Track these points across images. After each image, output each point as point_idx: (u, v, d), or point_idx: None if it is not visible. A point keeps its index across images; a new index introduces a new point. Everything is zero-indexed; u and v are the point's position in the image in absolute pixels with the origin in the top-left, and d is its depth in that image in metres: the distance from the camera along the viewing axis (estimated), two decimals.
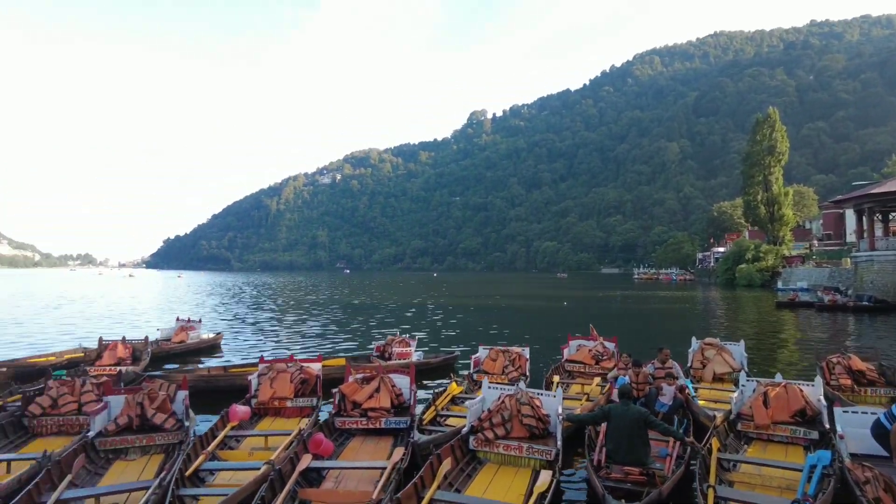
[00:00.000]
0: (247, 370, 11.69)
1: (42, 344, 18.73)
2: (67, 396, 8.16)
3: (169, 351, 16.07)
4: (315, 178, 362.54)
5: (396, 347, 13.70)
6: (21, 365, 12.80)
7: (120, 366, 12.42)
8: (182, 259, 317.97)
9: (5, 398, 9.41)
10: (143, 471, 6.75)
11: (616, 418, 6.62)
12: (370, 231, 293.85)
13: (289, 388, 9.13)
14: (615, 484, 6.14)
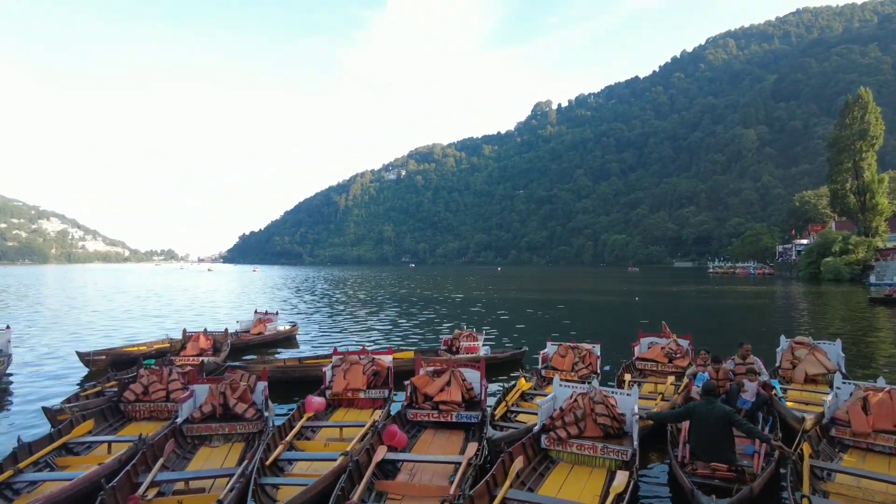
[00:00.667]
0: (320, 362, 12.03)
1: (135, 334, 20.05)
2: (157, 384, 8.64)
3: (248, 342, 16.75)
4: (381, 174, 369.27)
5: (464, 342, 13.71)
6: (117, 353, 13.73)
7: (202, 356, 13.03)
8: (257, 254, 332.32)
9: (103, 384, 10.15)
10: (226, 458, 7.03)
11: (700, 416, 6.41)
12: (434, 225, 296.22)
13: (361, 379, 9.31)
14: (702, 480, 5.96)
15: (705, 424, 6.32)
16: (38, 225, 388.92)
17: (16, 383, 11.99)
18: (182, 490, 5.93)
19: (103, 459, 6.50)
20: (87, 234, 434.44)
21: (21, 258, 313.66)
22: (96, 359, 13.15)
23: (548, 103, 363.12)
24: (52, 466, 6.60)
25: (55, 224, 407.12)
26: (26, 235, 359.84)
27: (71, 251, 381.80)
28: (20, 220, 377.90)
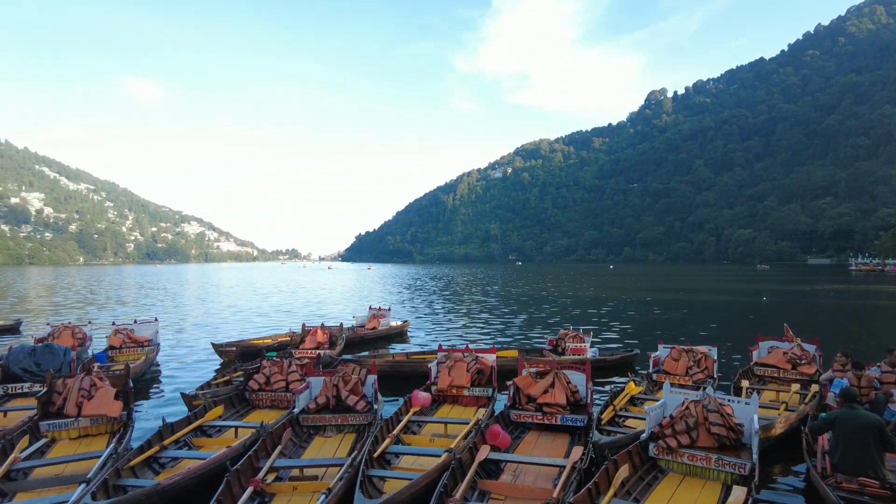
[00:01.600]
0: (426, 358, 12.36)
1: (262, 327, 21.75)
2: (277, 375, 9.28)
3: (363, 336, 17.56)
4: (487, 172, 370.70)
5: (570, 343, 13.43)
6: (245, 346, 14.97)
7: (319, 349, 13.79)
8: (371, 252, 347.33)
9: (231, 374, 11.16)
10: (338, 448, 7.39)
11: (844, 424, 5.83)
12: (541, 223, 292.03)
13: (465, 377, 9.44)
14: (849, 495, 5.44)
15: (850, 434, 5.74)
16: (181, 228, 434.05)
17: (162, 370, 13.48)
18: (297, 476, 6.32)
19: (231, 443, 7.13)
20: (221, 235, 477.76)
21: (168, 258, 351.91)
22: (228, 350, 14.43)
23: (662, 91, 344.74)
24: (190, 445, 7.35)
25: (195, 227, 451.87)
26: (172, 238, 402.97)
27: (208, 251, 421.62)
28: (167, 224, 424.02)
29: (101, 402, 7.61)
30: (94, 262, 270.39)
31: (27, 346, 10.42)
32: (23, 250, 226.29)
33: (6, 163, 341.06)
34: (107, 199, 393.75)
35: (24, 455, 6.63)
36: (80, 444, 7.27)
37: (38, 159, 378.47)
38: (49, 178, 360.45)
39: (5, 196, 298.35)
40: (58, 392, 7.64)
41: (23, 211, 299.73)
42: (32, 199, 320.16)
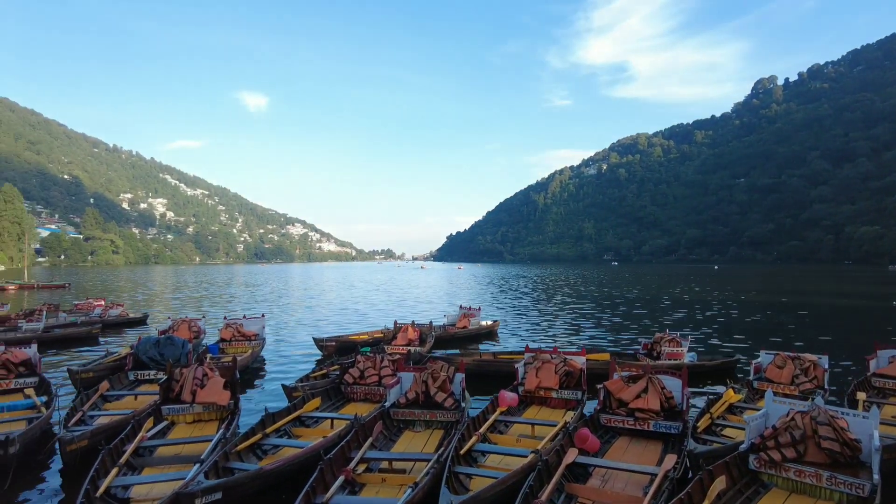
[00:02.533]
0: (513, 357, 12.35)
1: (359, 323, 22.67)
2: (371, 370, 9.64)
3: (454, 335, 17.83)
4: (580, 170, 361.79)
5: (666, 346, 12.89)
6: (343, 341, 15.73)
7: (409, 346, 14.20)
8: (462, 252, 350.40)
9: (328, 367, 11.78)
10: (426, 443, 7.56)
11: None
12: (639, 221, 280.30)
13: (553, 378, 9.33)
14: None
15: None
16: (286, 230, 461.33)
17: (267, 363, 14.45)
18: (386, 469, 6.55)
19: (326, 433, 7.53)
20: (322, 236, 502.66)
21: (274, 257, 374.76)
22: (327, 345, 15.20)
23: (771, 79, 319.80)
24: (289, 434, 7.83)
25: (298, 229, 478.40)
26: (278, 239, 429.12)
27: (310, 251, 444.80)
28: (273, 226, 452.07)
29: (211, 390, 8.29)
30: (208, 262, 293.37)
31: (152, 338, 11.55)
32: (149, 250, 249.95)
33: (137, 172, 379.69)
34: (219, 204, 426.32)
35: (150, 434, 7.36)
36: (195, 428, 7.98)
37: (161, 168, 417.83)
38: (171, 185, 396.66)
39: (136, 202, 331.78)
40: (176, 380, 8.38)
41: (150, 215, 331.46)
42: (157, 204, 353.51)
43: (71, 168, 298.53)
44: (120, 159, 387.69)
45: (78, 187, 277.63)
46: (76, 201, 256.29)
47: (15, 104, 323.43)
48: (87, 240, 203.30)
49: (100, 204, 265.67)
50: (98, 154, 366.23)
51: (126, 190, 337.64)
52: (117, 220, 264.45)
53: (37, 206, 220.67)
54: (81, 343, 17.31)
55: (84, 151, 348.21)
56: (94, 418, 8.35)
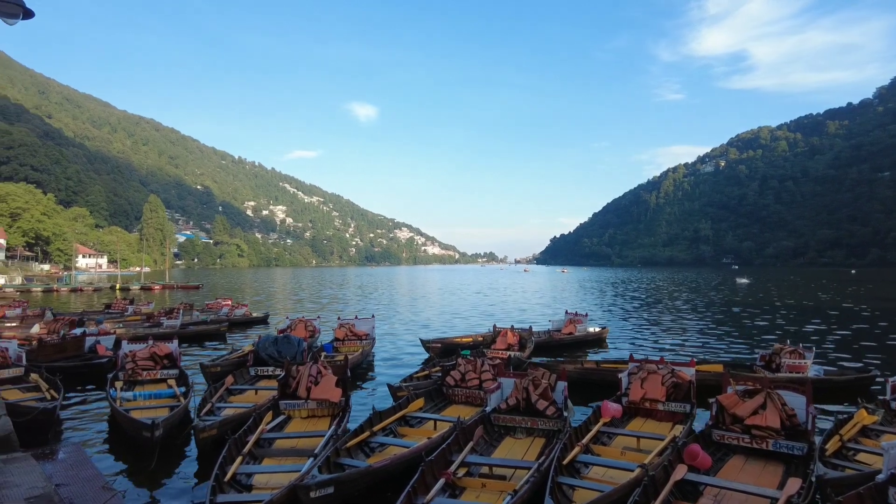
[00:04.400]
0: (617, 367, 11.99)
1: (462, 325, 23.08)
2: (472, 373, 9.78)
3: (560, 341, 17.62)
4: (696, 167, 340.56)
5: (787, 359, 11.90)
6: (448, 343, 16.13)
7: (509, 351, 14.21)
8: (566, 255, 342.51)
9: (430, 369, 12.14)
10: (527, 451, 7.51)
11: None
12: (761, 221, 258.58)
13: (660, 390, 8.96)
14: None
15: None
16: (393, 234, 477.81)
17: (376, 362, 15.13)
18: (486, 474, 6.60)
19: (429, 434, 7.76)
20: (427, 240, 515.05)
21: (383, 260, 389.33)
22: (433, 346, 15.66)
23: None
24: (395, 433, 8.15)
25: (405, 233, 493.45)
26: (386, 243, 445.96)
27: (416, 254, 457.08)
28: (382, 230, 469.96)
29: (325, 387, 8.83)
30: (323, 264, 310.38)
31: (271, 336, 12.52)
32: (270, 254, 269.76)
33: (259, 181, 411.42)
34: (333, 210, 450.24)
35: (269, 427, 7.97)
36: (309, 423, 8.53)
37: (281, 177, 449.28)
38: (290, 193, 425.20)
39: (259, 209, 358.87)
40: (292, 377, 9.02)
41: (271, 221, 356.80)
42: (278, 211, 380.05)
43: (203, 179, 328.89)
44: (245, 170, 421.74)
45: (209, 197, 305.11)
46: (207, 209, 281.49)
47: (159, 124, 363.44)
48: (216, 244, 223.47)
49: (227, 211, 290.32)
50: (226, 166, 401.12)
51: (250, 198, 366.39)
52: (242, 226, 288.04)
53: (175, 214, 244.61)
54: (211, 339, 19.10)
55: (214, 164, 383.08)
56: (222, 409, 9.20)
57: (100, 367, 12.62)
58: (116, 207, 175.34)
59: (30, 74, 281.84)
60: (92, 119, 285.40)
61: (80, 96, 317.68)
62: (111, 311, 25.66)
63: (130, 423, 7.84)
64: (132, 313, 24.42)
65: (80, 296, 47.23)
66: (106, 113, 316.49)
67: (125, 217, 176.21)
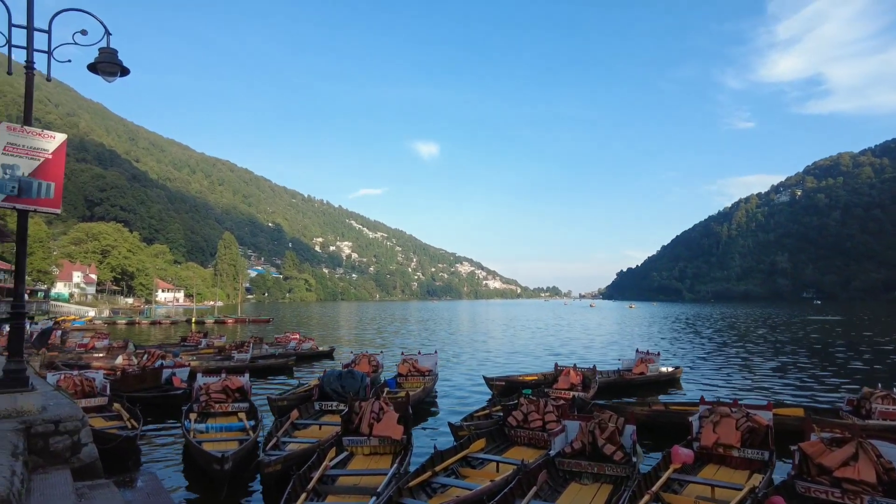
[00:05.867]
0: (687, 409, 11.41)
1: (524, 363, 22.70)
2: (534, 414, 9.53)
3: (630, 381, 16.94)
4: (770, 197, 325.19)
5: (879, 404, 10.90)
6: (512, 381, 15.80)
7: (572, 391, 13.74)
8: (634, 290, 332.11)
9: (491, 408, 11.92)
10: (593, 498, 7.21)
11: None
12: (845, 253, 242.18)
13: (734, 435, 8.44)
14: None
15: None
16: (455, 268, 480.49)
17: (439, 398, 15.08)
18: None
19: (492, 476, 7.61)
20: (488, 274, 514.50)
21: (445, 294, 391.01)
22: (497, 384, 15.43)
23: None
24: (457, 474, 8.02)
25: (466, 267, 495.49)
26: (448, 277, 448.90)
27: (477, 288, 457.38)
28: (443, 264, 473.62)
29: (387, 424, 8.87)
30: (387, 298, 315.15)
31: (335, 371, 12.76)
32: (337, 288, 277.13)
33: (327, 218, 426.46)
34: (397, 245, 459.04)
35: (333, 464, 8.07)
36: (371, 461, 8.55)
37: (347, 214, 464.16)
38: (355, 230, 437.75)
39: (326, 245, 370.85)
40: (355, 412, 9.12)
41: (337, 256, 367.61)
42: (344, 246, 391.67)
43: (274, 217, 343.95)
44: (313, 208, 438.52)
45: (279, 233, 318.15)
46: (278, 245, 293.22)
47: (234, 165, 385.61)
48: (286, 279, 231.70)
49: (297, 247, 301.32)
50: (295, 204, 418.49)
51: (318, 234, 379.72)
52: (311, 261, 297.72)
53: (248, 250, 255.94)
54: (279, 373, 19.66)
55: (285, 202, 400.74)
56: (287, 444, 9.40)
57: (175, 399, 13.23)
58: (193, 244, 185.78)
59: (122, 123, 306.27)
60: (174, 162, 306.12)
61: (164, 141, 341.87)
62: (186, 344, 26.92)
63: (202, 455, 8.14)
64: (205, 346, 25.53)
65: (158, 328, 49.90)
66: (186, 156, 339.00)
67: (201, 253, 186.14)
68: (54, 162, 7.12)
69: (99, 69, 7.47)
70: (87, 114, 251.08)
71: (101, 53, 7.43)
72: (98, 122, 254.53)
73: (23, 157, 6.88)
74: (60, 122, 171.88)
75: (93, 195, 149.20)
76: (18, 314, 6.96)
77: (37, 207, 7.00)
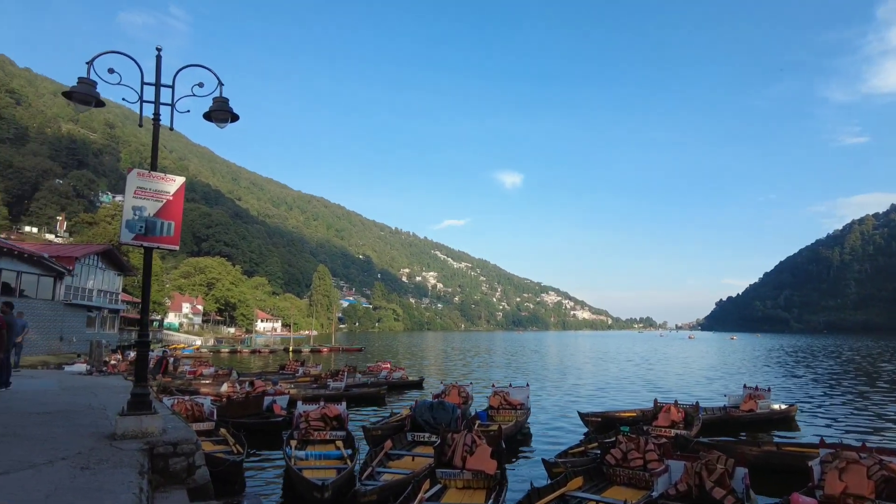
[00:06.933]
0: (804, 451, 10.40)
1: (619, 398, 21.78)
2: (634, 452, 9.04)
3: (738, 419, 15.82)
4: (890, 217, 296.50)
5: None
6: (608, 416, 15.13)
7: (674, 428, 12.90)
8: (735, 320, 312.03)
9: (586, 445, 11.44)
10: None
11: None
12: None
13: (866, 485, 7.55)
14: None
15: None
16: (540, 298, 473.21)
17: (532, 433, 14.72)
18: None
19: None
20: (576, 304, 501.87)
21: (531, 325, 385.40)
22: (592, 419, 14.84)
23: None
24: None
25: (553, 297, 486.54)
26: (533, 307, 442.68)
27: (565, 319, 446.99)
28: (529, 294, 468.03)
29: (480, 458, 8.75)
30: (472, 328, 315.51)
31: (426, 402, 12.80)
32: (423, 318, 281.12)
33: (414, 249, 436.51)
34: (481, 275, 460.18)
35: (427, 496, 8.02)
36: (465, 495, 8.44)
37: (432, 245, 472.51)
38: (440, 260, 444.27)
39: (412, 275, 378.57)
40: (448, 444, 9.08)
41: (423, 286, 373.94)
42: (429, 277, 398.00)
43: (364, 249, 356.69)
44: (400, 239, 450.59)
45: (369, 265, 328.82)
46: (367, 276, 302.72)
47: (327, 201, 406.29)
48: (375, 308, 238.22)
49: (385, 278, 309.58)
50: (383, 236, 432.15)
51: (404, 265, 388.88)
52: (398, 291, 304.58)
53: (340, 281, 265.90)
54: (371, 402, 19.99)
55: (373, 235, 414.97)
56: (381, 474, 9.48)
57: (276, 425, 13.78)
58: (290, 276, 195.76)
59: (226, 164, 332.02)
60: (272, 199, 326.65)
61: (263, 180, 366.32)
62: (284, 372, 28.10)
63: (303, 482, 8.38)
64: (302, 374, 26.51)
65: (258, 357, 52.56)
66: (283, 193, 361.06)
67: (297, 285, 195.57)
68: (174, 203, 7.81)
69: (213, 117, 8.15)
70: (195, 157, 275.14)
71: (214, 102, 8.11)
72: (205, 165, 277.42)
73: (149, 200, 7.60)
74: (173, 166, 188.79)
75: (200, 231, 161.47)
76: (144, 343, 7.60)
77: (159, 244, 7.68)
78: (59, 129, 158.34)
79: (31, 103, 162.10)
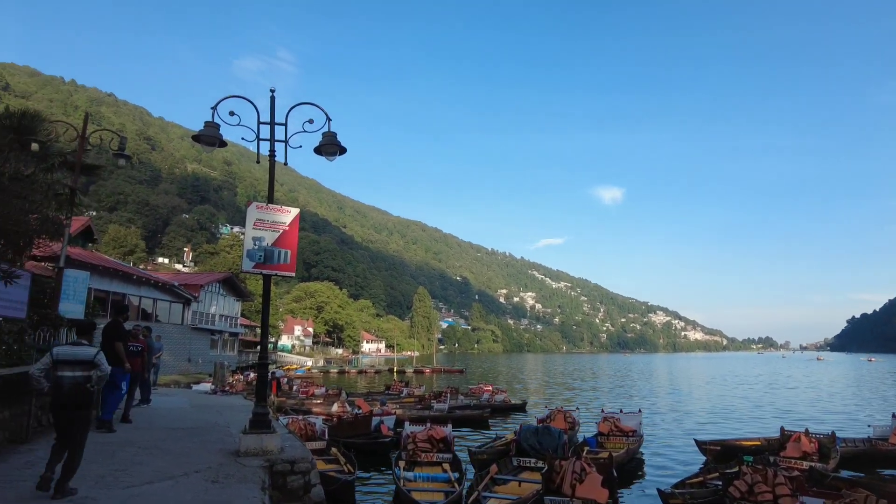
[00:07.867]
0: None
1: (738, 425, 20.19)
2: (761, 485, 8.29)
3: (885, 453, 14.11)
4: None
5: None
6: (729, 445, 14.02)
7: (807, 460, 11.74)
8: (871, 340, 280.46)
9: (705, 475, 10.61)
10: None
11: None
12: None
13: None
14: None
15: None
16: (648, 318, 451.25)
17: (645, 462, 13.98)
18: None
19: None
20: (687, 324, 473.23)
21: (637, 347, 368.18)
22: (711, 448, 13.83)
23: None
24: None
25: (661, 317, 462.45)
26: (640, 328, 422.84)
27: (675, 340, 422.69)
28: (634, 314, 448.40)
29: (590, 486, 8.42)
30: (574, 350, 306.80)
31: (531, 426, 12.56)
32: (522, 339, 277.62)
33: (510, 270, 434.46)
34: (581, 295, 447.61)
35: None
36: None
37: (530, 265, 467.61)
38: (538, 280, 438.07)
39: (510, 296, 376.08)
40: (556, 471, 8.83)
41: (521, 307, 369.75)
42: (527, 297, 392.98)
43: (461, 271, 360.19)
44: (497, 260, 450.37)
45: (466, 286, 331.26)
46: (465, 298, 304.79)
47: (425, 225, 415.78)
48: (473, 330, 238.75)
49: (483, 299, 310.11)
50: (480, 258, 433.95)
51: (502, 286, 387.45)
52: (496, 312, 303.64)
53: (439, 303, 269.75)
54: (474, 424, 19.90)
55: (470, 256, 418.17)
56: (487, 499, 9.37)
57: (384, 446, 14.09)
58: (392, 299, 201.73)
59: (332, 194, 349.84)
60: (374, 225, 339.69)
61: (366, 208, 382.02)
62: (390, 393, 28.77)
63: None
64: (406, 395, 27.01)
65: (364, 377, 54.29)
66: (384, 219, 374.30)
67: (399, 307, 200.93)
68: (290, 232, 8.33)
69: (323, 151, 8.62)
70: (304, 189, 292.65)
71: (324, 137, 8.58)
72: (312, 196, 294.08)
73: (267, 230, 8.15)
74: (284, 198, 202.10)
75: (309, 258, 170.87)
76: (264, 364, 8.09)
77: (277, 272, 8.20)
78: (185, 169, 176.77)
79: (163, 147, 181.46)
